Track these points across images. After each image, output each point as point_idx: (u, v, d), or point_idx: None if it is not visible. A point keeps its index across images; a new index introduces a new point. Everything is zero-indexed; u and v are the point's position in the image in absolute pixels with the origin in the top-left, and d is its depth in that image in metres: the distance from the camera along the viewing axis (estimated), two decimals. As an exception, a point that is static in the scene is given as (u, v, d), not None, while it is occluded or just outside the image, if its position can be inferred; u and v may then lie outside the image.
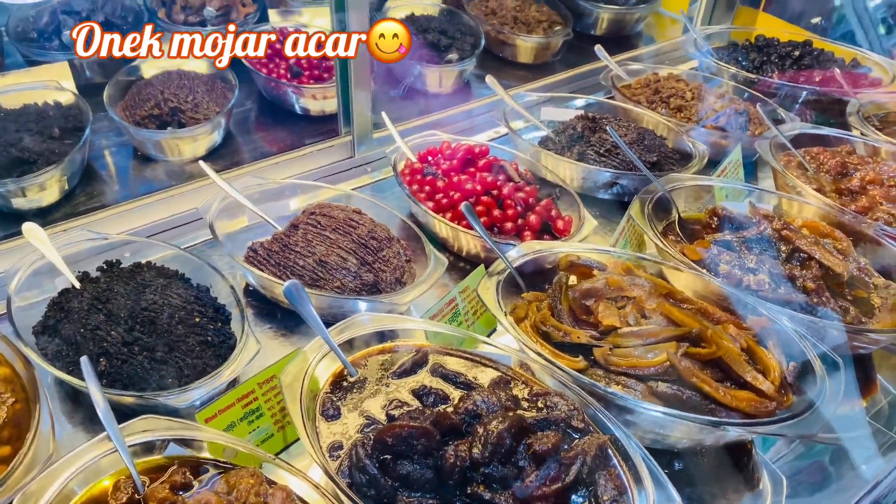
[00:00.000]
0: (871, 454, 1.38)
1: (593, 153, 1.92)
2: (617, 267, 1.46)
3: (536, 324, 1.35)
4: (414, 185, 1.76)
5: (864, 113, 2.17)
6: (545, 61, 2.59)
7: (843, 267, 1.56)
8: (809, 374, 1.29)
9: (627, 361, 1.24)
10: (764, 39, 2.56)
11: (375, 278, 1.47)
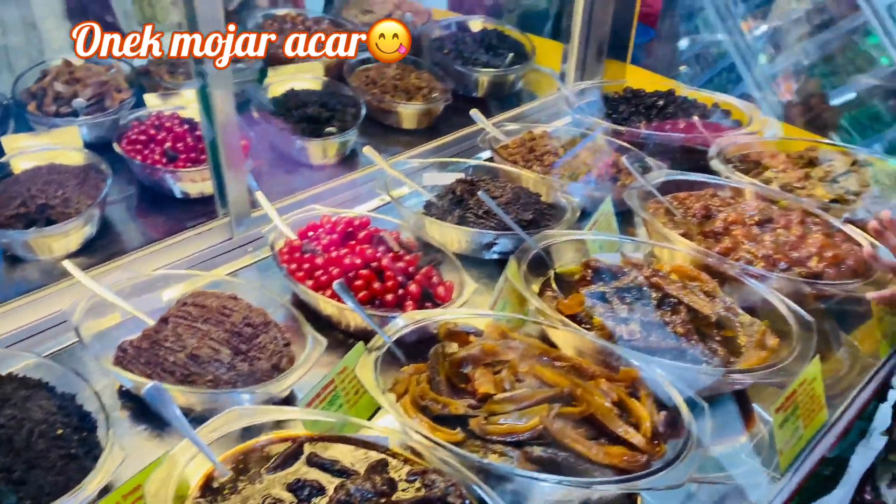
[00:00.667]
0: (756, 487, 1.43)
1: (472, 216, 1.96)
2: (493, 331, 1.49)
3: (416, 398, 1.34)
4: (293, 263, 1.75)
5: (724, 155, 2.30)
6: (427, 126, 2.65)
7: (709, 308, 1.64)
8: (679, 420, 1.33)
9: (502, 429, 1.25)
10: (631, 91, 2.71)
11: (251, 367, 1.44)
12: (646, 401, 1.35)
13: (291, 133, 2.36)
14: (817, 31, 3.30)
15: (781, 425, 1.39)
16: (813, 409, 1.48)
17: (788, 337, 1.58)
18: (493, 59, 2.88)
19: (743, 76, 3.35)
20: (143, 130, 2.23)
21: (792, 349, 1.53)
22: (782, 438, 1.40)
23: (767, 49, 3.42)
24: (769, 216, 1.96)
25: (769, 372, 1.46)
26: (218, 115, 1.80)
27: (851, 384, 1.69)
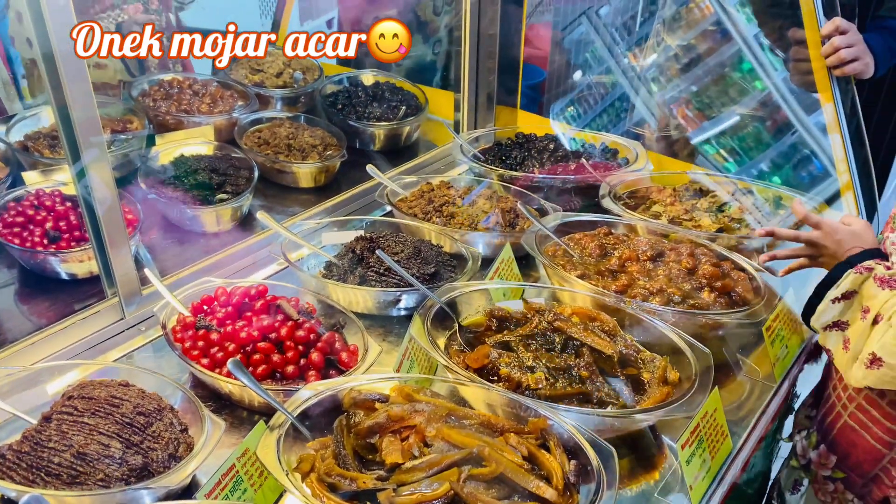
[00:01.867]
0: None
1: (374, 274, 1.94)
2: (399, 395, 1.46)
3: (322, 476, 1.29)
4: (188, 341, 1.68)
5: (615, 193, 2.38)
6: (325, 183, 2.62)
7: (611, 348, 1.66)
8: (589, 466, 1.33)
9: (412, 499, 1.22)
10: (523, 136, 2.77)
11: (145, 459, 1.35)
12: (556, 451, 1.35)
13: (182, 202, 2.28)
14: (694, 64, 3.49)
15: (689, 460, 1.42)
16: (717, 440, 1.52)
17: (688, 369, 1.62)
18: (387, 111, 2.90)
19: (629, 111, 3.50)
20: (20, 212, 2.10)
21: (692, 382, 1.56)
22: (691, 473, 1.42)
23: (649, 84, 3.59)
24: (661, 250, 2.02)
25: (672, 408, 1.49)
26: (95, 190, 1.72)
27: (752, 409, 1.74)
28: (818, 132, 2.90)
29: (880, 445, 1.65)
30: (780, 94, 3.18)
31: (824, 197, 2.60)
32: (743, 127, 3.29)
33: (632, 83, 3.66)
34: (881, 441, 1.65)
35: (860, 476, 1.72)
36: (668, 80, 3.52)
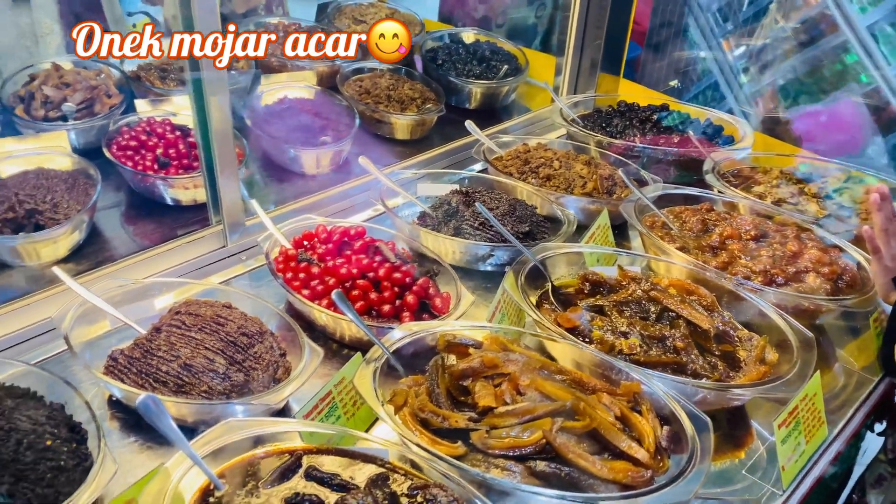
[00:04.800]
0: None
1: (468, 227, 1.95)
2: (493, 343, 1.47)
3: (415, 411, 1.32)
4: (289, 272, 1.72)
5: (719, 170, 2.31)
6: (421, 137, 2.63)
7: (709, 323, 1.63)
8: (683, 435, 1.32)
9: (504, 443, 1.23)
10: (625, 105, 2.71)
11: (246, 378, 1.41)
12: (648, 415, 1.34)
13: (285, 142, 2.33)
14: (800, 49, 3.34)
15: (784, 441, 1.38)
16: (814, 425, 1.48)
17: (788, 352, 1.58)
18: (487, 71, 2.88)
19: (727, 93, 3.39)
20: (133, 136, 2.19)
21: (792, 364, 1.52)
22: (784, 454, 1.39)
23: (752, 65, 3.45)
24: (765, 231, 1.96)
25: (771, 386, 1.45)
26: (213, 121, 1.78)
27: (848, 400, 1.69)
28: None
29: None
30: (891, 87, 3.01)
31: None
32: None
33: (734, 64, 3.53)
34: None
35: None
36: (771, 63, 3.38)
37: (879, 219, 1.61)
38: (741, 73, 3.44)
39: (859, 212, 2.13)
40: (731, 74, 3.46)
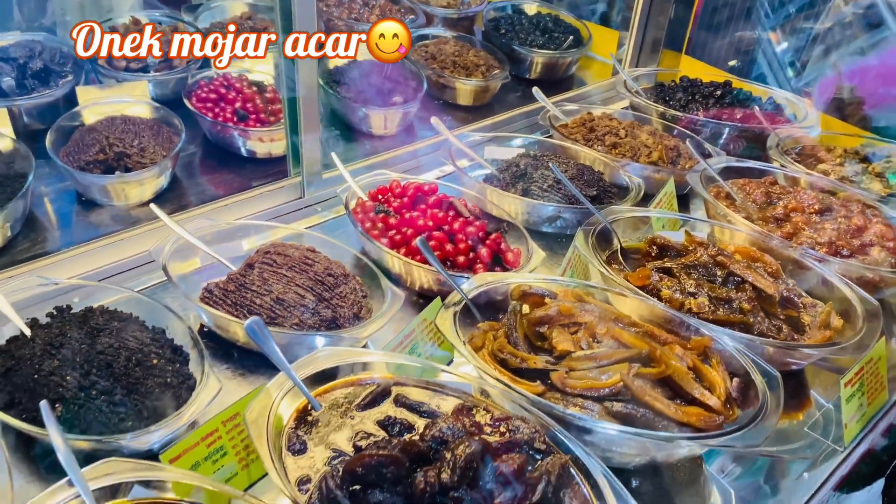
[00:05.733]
0: (810, 464, 1.47)
1: (537, 189, 2.00)
2: (567, 295, 1.53)
3: (494, 352, 1.39)
4: (367, 223, 1.79)
5: (782, 146, 2.33)
6: (483, 103, 2.68)
7: (774, 288, 1.67)
8: (751, 389, 1.37)
9: (583, 384, 1.29)
10: (688, 80, 2.73)
11: (333, 314, 1.49)
12: (718, 368, 1.39)
13: (355, 101, 2.40)
14: (865, 33, 3.30)
15: (849, 399, 1.43)
16: (876, 388, 1.52)
17: (852, 319, 1.61)
18: (549, 42, 2.91)
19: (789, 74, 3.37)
20: (212, 89, 2.28)
21: (857, 331, 1.56)
22: (848, 413, 1.44)
23: (813, 49, 3.43)
24: (829, 206, 1.98)
25: (838, 348, 1.49)
26: (302, 77, 1.85)
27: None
28: None
29: None
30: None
31: None
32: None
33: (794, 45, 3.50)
34: None
35: None
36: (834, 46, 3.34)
37: None
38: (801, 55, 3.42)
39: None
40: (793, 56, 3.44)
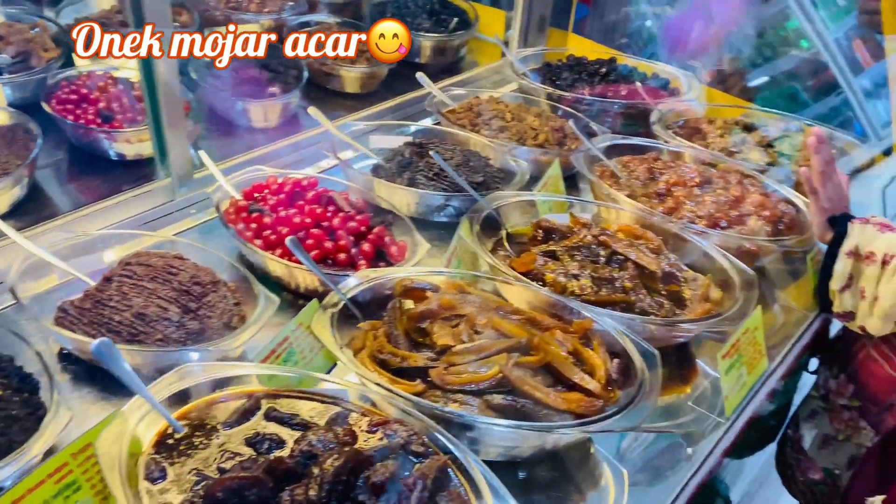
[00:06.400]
0: (697, 437, 1.48)
1: (423, 178, 1.95)
2: (450, 287, 1.49)
3: (374, 353, 1.34)
4: (240, 223, 1.71)
5: (665, 121, 2.36)
6: (372, 91, 2.61)
7: (656, 265, 1.68)
8: (632, 369, 1.37)
9: (462, 378, 1.26)
10: (574, 59, 2.74)
11: (201, 325, 1.40)
12: (599, 350, 1.38)
13: (232, 95, 2.29)
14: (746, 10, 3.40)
15: (727, 371, 1.45)
16: (754, 358, 1.55)
17: (731, 290, 1.64)
18: (436, 24, 2.86)
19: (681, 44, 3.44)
20: (73, 90, 2.12)
21: (735, 301, 1.59)
22: (728, 384, 1.46)
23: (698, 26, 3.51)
24: (709, 178, 2.02)
25: (715, 321, 1.51)
26: (159, 73, 1.73)
27: (787, 336, 1.77)
28: (861, 95, 2.85)
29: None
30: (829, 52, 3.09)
31: (869, 157, 2.58)
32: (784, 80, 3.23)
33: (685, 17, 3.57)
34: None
35: (875, 405, 1.75)
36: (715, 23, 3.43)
37: (817, 161, 1.68)
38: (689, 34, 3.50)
39: (798, 159, 2.21)
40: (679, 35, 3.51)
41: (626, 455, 1.42)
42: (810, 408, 1.93)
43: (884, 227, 1.61)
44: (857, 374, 1.78)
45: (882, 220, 1.65)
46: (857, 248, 1.62)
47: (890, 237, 1.58)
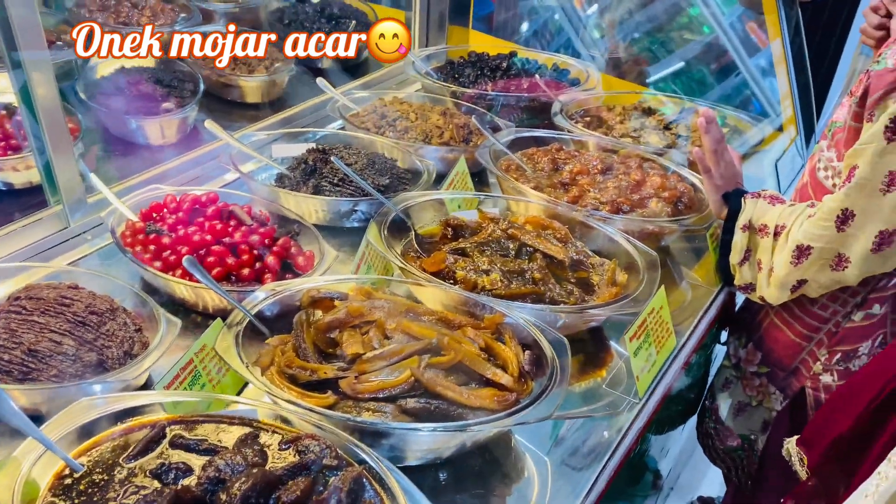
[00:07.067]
0: (614, 419, 1.51)
1: (328, 184, 1.92)
2: (358, 294, 1.47)
3: (282, 368, 1.31)
4: (137, 246, 1.64)
5: (567, 111, 2.40)
6: (273, 99, 2.56)
7: (563, 253, 1.71)
8: (544, 358, 1.38)
9: (373, 385, 1.24)
10: (476, 55, 2.75)
11: (100, 356, 1.34)
12: (511, 343, 1.39)
13: (126, 113, 2.20)
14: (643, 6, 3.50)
15: (636, 353, 1.48)
16: (663, 336, 1.59)
17: (636, 272, 1.68)
18: (336, 28, 2.83)
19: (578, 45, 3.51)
20: (-48, 119, 2.00)
21: (640, 283, 1.62)
22: (638, 365, 1.49)
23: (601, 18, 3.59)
24: (610, 165, 2.06)
25: (621, 304, 1.55)
26: (38, 97, 1.65)
27: (694, 311, 1.83)
28: (759, 75, 2.98)
29: (799, 339, 1.77)
30: (728, 37, 3.22)
31: (767, 131, 2.70)
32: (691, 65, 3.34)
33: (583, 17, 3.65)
34: (800, 335, 1.76)
35: (782, 370, 1.83)
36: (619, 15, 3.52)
37: (707, 141, 1.74)
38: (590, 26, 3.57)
39: (693, 139, 2.28)
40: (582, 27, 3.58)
41: (561, 443, 1.44)
42: (724, 377, 2.01)
43: (774, 200, 1.68)
44: (763, 341, 1.85)
45: (772, 193, 1.72)
46: (751, 222, 1.68)
47: (780, 209, 1.65)
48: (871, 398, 1.36)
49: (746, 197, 1.71)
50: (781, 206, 1.66)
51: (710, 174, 1.77)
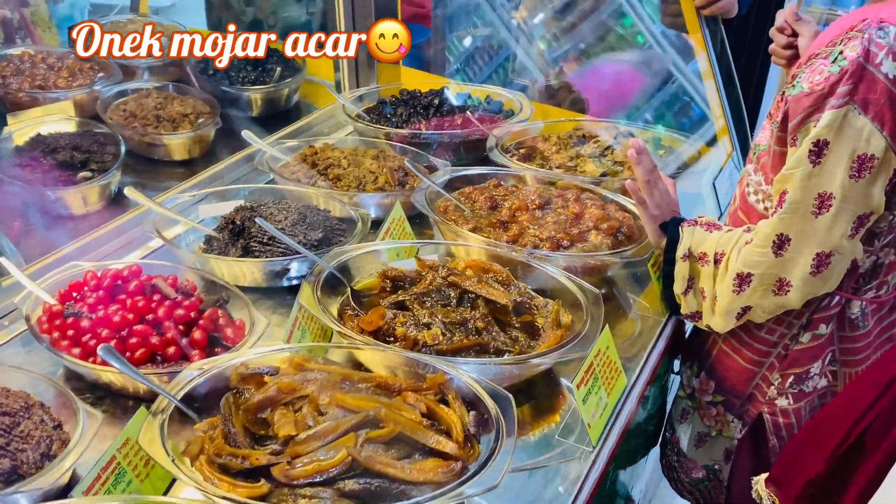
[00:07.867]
0: (568, 467, 1.46)
1: (257, 244, 1.85)
2: (288, 366, 1.40)
3: (212, 457, 1.22)
4: (56, 332, 1.54)
5: (502, 145, 2.37)
6: (201, 154, 2.48)
7: (506, 297, 1.65)
8: (489, 417, 1.32)
9: (308, 470, 1.17)
10: (407, 93, 2.71)
11: (13, 462, 1.24)
12: (454, 404, 1.33)
13: (43, 184, 2.10)
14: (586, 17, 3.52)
15: (585, 399, 1.44)
16: (612, 377, 1.55)
17: (580, 311, 1.64)
18: (263, 75, 2.77)
19: (512, 63, 3.51)
20: None
21: (584, 322, 1.58)
22: (588, 412, 1.44)
23: (538, 39, 3.60)
24: (548, 198, 2.03)
25: (565, 350, 1.50)
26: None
27: (644, 344, 1.79)
28: (696, 79, 3.00)
29: (750, 365, 1.74)
30: (660, 45, 3.25)
31: (705, 140, 2.70)
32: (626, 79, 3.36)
33: (515, 37, 3.66)
34: (750, 361, 1.74)
35: (737, 397, 1.80)
36: (552, 33, 3.54)
37: (640, 172, 1.72)
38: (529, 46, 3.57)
39: (625, 169, 2.27)
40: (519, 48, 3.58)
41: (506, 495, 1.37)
42: (681, 408, 1.97)
43: (710, 227, 1.66)
44: (714, 370, 1.82)
45: (708, 220, 1.70)
46: (691, 251, 1.65)
47: (717, 235, 1.63)
48: (837, 442, 1.33)
49: (683, 225, 1.69)
50: (719, 232, 1.64)
51: (646, 205, 1.74)
